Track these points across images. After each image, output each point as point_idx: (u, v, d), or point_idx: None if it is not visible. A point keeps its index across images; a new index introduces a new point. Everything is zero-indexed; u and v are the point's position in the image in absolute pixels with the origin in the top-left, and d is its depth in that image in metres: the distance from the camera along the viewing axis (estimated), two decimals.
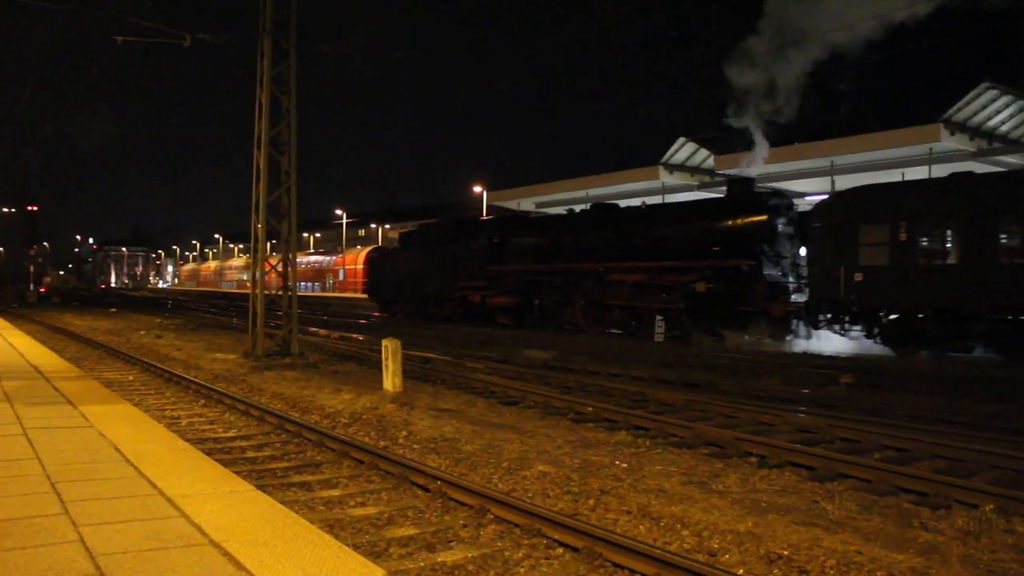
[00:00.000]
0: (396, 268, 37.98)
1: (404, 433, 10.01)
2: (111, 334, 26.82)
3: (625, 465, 8.42)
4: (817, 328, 20.89)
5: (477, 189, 58.68)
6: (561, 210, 37.45)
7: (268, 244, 19.28)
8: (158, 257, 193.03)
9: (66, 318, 36.79)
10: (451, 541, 6.01)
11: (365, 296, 43.08)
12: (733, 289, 22.29)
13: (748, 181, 25.76)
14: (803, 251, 22.31)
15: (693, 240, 23.73)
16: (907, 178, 25.22)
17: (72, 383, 10.27)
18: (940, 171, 30.53)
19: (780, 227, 22.46)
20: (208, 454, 6.47)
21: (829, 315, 20.44)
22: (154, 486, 4.92)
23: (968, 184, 18.71)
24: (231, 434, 10.23)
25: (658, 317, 23.61)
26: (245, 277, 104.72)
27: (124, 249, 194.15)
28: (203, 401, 12.87)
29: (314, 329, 27.89)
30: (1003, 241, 17.66)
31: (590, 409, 11.65)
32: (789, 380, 15.06)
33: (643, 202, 33.48)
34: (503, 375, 15.83)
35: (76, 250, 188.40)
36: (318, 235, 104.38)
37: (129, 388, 14.21)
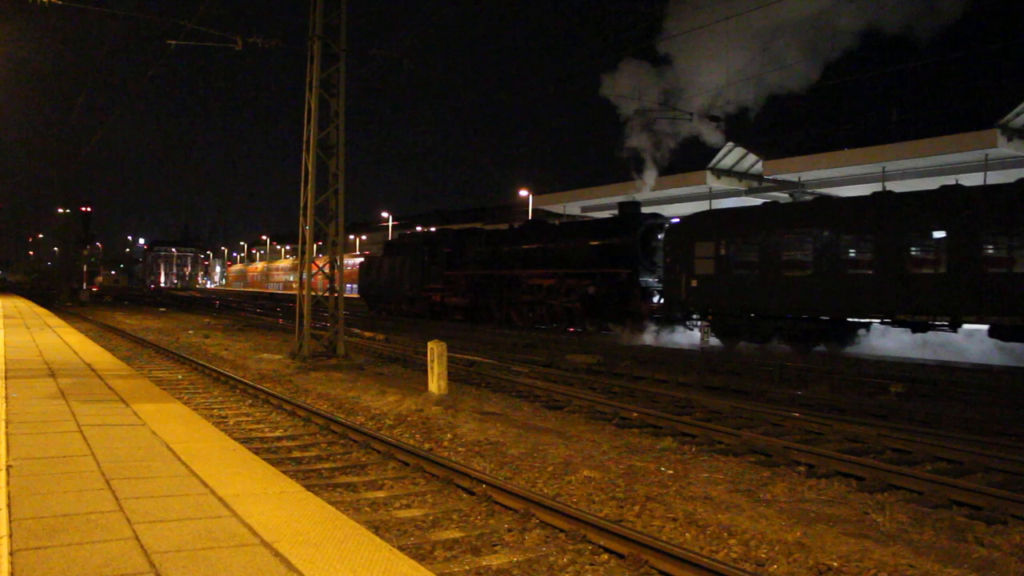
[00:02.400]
0: (380, 272, 44.00)
1: (449, 436, 10.04)
2: (161, 333, 27.28)
3: (671, 472, 8.36)
4: (673, 324, 26.29)
5: (523, 193, 58.68)
6: (605, 213, 38.52)
7: (315, 246, 19.47)
8: (206, 258, 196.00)
9: (117, 317, 37.51)
10: (496, 545, 6.01)
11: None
12: (615, 292, 28.01)
13: (635, 204, 31.04)
14: None
15: (588, 252, 29.65)
16: (961, 184, 25.13)
17: (124, 381, 10.45)
18: (996, 177, 29.88)
19: (653, 243, 27.84)
20: (255, 453, 6.53)
21: (678, 314, 25.89)
22: (205, 485, 4.98)
23: (765, 211, 24.68)
24: (277, 434, 10.34)
25: (701, 323, 23.82)
26: (291, 278, 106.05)
27: (174, 249, 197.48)
28: (250, 401, 13.03)
29: (358, 331, 28.09)
30: (784, 258, 22.56)
31: (635, 414, 11.59)
32: (838, 388, 14.84)
33: (557, 220, 39.31)
34: (547, 379, 15.81)
35: (127, 250, 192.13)
36: (364, 237, 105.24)
37: (178, 387, 14.44)
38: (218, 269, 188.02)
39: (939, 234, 19.57)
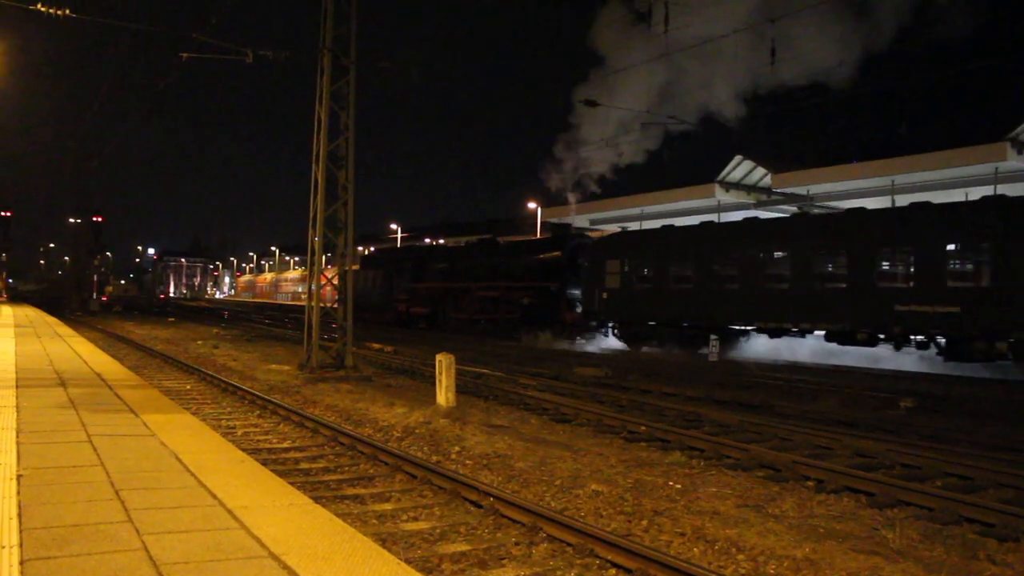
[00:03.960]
0: (356, 284, 46.27)
1: (457, 448, 10.03)
2: (169, 343, 27.36)
3: (679, 486, 8.33)
4: (591, 331, 30.03)
5: (531, 205, 58.67)
6: (616, 227, 39.48)
7: (324, 257, 19.51)
8: (215, 268, 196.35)
9: (127, 326, 37.62)
10: (503, 559, 6.00)
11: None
12: (547, 303, 31.66)
13: (565, 226, 35.81)
14: None
15: (525, 268, 33.54)
16: (970, 197, 25.52)
17: (133, 391, 10.48)
18: (1007, 191, 29.78)
19: (579, 259, 31.01)
20: (263, 465, 6.54)
21: (594, 322, 29.78)
22: (214, 497, 4.99)
23: (658, 233, 28.88)
24: (285, 445, 10.35)
25: (712, 337, 23.82)
26: (300, 289, 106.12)
27: (183, 260, 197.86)
28: (258, 412, 13.04)
29: (367, 342, 28.12)
30: (672, 274, 26.80)
31: (643, 428, 11.56)
32: (847, 403, 14.79)
33: (499, 239, 42.32)
34: (555, 392, 15.79)
35: (137, 260, 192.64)
36: (372, 249, 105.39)
37: (187, 397, 14.46)
38: (227, 279, 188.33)
39: (782, 255, 23.84)
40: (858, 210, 24.09)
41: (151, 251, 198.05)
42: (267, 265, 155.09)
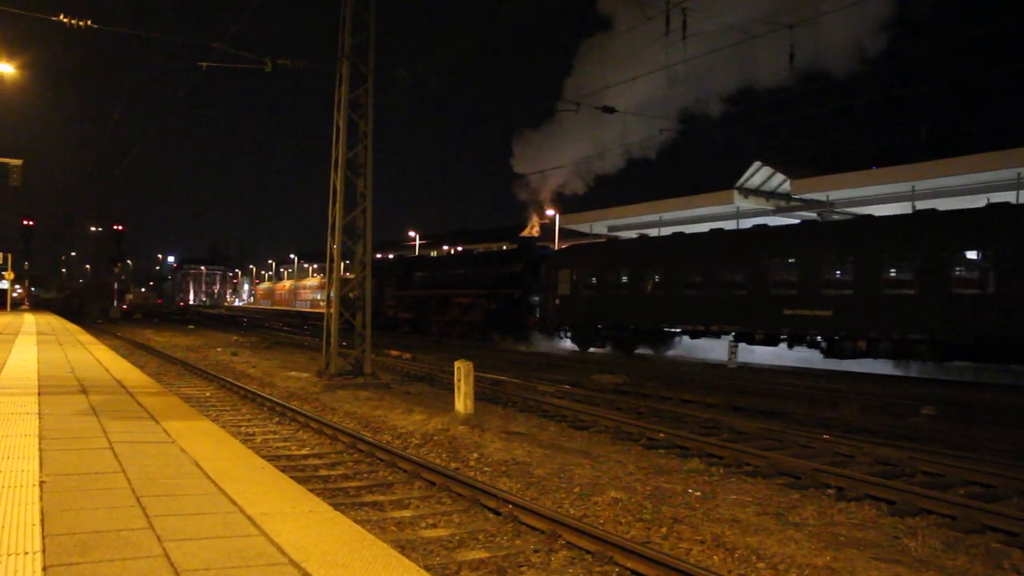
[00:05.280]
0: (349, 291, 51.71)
1: (475, 455, 10.03)
2: (189, 350, 27.52)
3: (698, 493, 8.30)
4: (547, 334, 33.19)
5: (550, 212, 58.67)
6: (633, 234, 40.05)
7: (342, 264, 19.57)
8: (234, 276, 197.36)
9: (147, 334, 37.89)
10: (522, 566, 5.99)
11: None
12: (510, 309, 34.95)
13: (530, 239, 40.85)
14: None
15: (492, 277, 36.74)
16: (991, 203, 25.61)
17: (154, 398, 10.54)
18: None
19: (539, 269, 33.66)
20: (282, 471, 6.56)
21: (550, 327, 32.85)
22: (234, 503, 5.00)
23: (600, 245, 34.11)
24: (304, 452, 10.39)
25: (731, 343, 23.85)
26: (319, 296, 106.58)
27: (202, 267, 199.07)
28: (277, 419, 13.09)
29: (385, 349, 28.18)
30: (611, 282, 30.00)
31: (662, 435, 11.52)
32: (868, 410, 14.68)
33: (473, 249, 46.37)
34: (574, 399, 15.77)
35: (156, 268, 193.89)
36: (391, 256, 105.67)
37: (206, 404, 14.54)
38: (246, 287, 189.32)
39: (697, 267, 26.68)
40: (760, 227, 26.57)
41: (171, 259, 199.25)
42: (286, 272, 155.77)
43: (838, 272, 23.08)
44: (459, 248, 46.95)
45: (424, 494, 8.15)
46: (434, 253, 74.54)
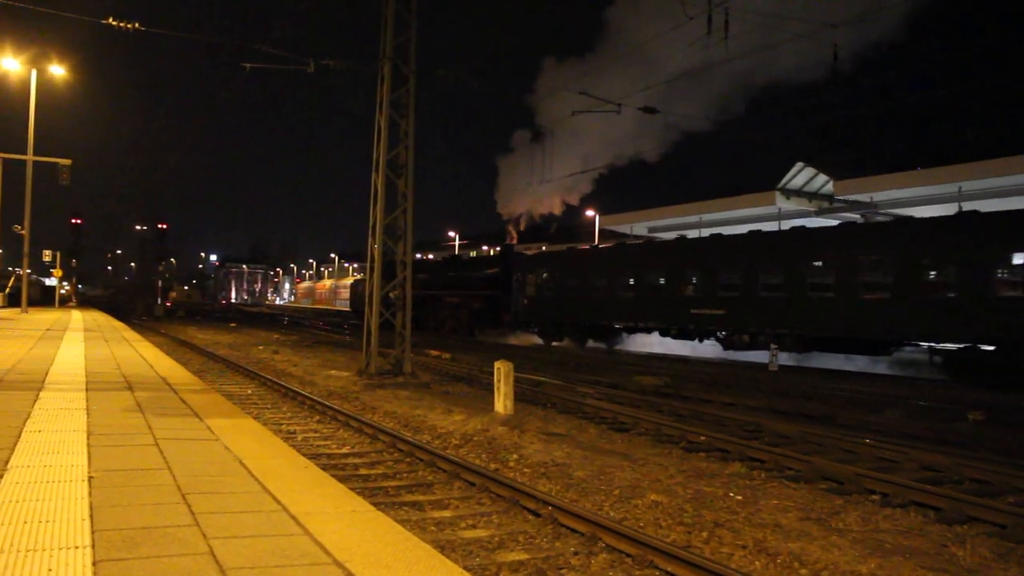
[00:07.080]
0: (359, 291, 53.66)
1: (515, 456, 10.02)
2: (231, 348, 27.85)
3: (740, 497, 8.21)
4: (523, 330, 36.87)
5: (589, 213, 58.57)
6: (674, 235, 40.09)
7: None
8: (276, 274, 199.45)
9: (189, 331, 38.41)
10: (562, 568, 5.97)
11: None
12: (490, 307, 39.07)
13: (509, 246, 43.86)
14: None
15: (478, 279, 41.09)
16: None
17: (197, 395, 10.66)
18: None
19: (513, 272, 37.56)
20: (323, 470, 6.60)
21: (521, 323, 36.88)
22: (278, 502, 5.04)
23: (560, 252, 39.76)
24: (344, 451, 10.46)
25: (772, 346, 23.61)
26: None
27: (244, 266, 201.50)
28: (318, 417, 13.20)
29: (425, 349, 28.28)
30: (569, 284, 33.93)
31: (703, 438, 11.44)
32: (913, 415, 14.44)
33: (472, 253, 50.41)
34: (614, 400, 15.71)
35: (200, 266, 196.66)
36: (431, 256, 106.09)
37: (248, 401, 14.70)
38: (287, 286, 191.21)
39: (630, 272, 31.18)
40: (680, 238, 31.39)
41: (213, 258, 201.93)
42: (326, 272, 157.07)
43: (726, 278, 26.79)
44: (496, 248, 48.55)
45: (464, 494, 8.16)
46: (473, 253, 76.83)
